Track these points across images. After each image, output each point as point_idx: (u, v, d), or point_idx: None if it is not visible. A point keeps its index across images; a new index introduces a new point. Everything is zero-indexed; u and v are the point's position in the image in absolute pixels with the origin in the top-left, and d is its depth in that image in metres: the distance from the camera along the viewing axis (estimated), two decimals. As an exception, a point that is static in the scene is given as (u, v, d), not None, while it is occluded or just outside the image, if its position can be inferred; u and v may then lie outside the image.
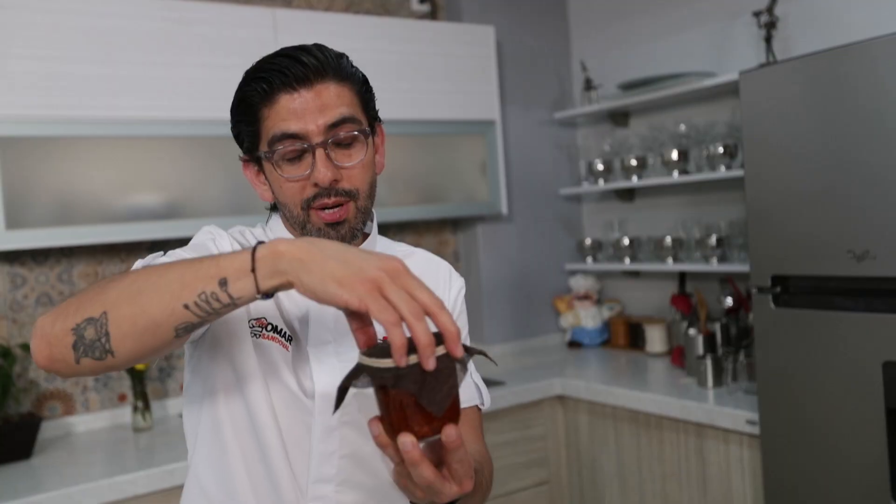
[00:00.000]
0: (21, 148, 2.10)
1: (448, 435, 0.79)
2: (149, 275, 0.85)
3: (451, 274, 1.25)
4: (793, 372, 1.88)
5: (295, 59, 1.03)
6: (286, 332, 1.08)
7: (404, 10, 3.10)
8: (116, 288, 0.85)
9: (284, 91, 1.03)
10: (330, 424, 1.07)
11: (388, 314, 0.75)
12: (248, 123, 1.08)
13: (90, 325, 0.85)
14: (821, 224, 1.81)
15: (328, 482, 1.08)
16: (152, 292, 0.83)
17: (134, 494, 1.92)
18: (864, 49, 1.71)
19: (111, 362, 0.86)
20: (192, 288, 0.82)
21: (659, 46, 3.00)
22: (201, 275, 0.82)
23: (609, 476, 2.53)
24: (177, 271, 0.84)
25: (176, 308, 0.83)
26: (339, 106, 1.04)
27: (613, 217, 3.21)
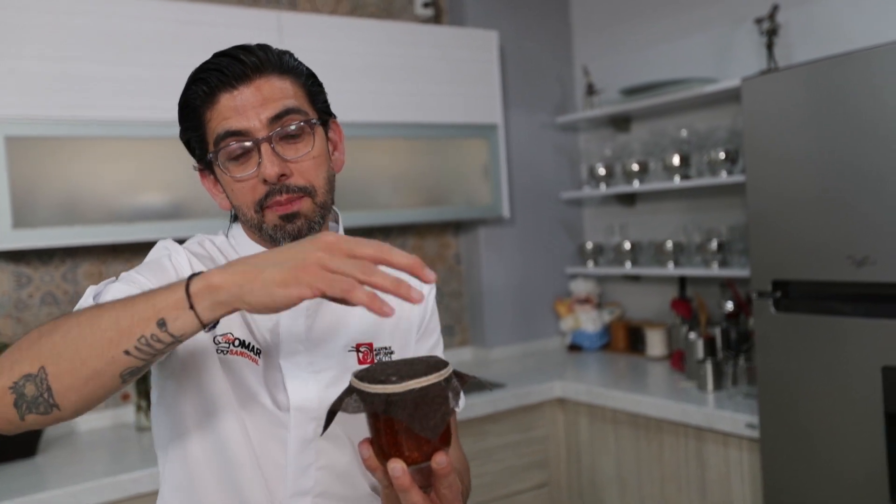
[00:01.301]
0: (28, 148, 2.11)
1: (439, 462, 0.80)
2: (82, 323, 0.81)
3: None
4: (792, 376, 1.90)
5: (233, 57, 1.01)
6: (254, 345, 1.05)
7: (408, 14, 3.12)
8: (50, 340, 0.81)
9: (224, 90, 1.01)
10: (306, 437, 1.05)
11: (339, 284, 0.74)
12: (194, 129, 1.06)
13: (28, 381, 0.80)
14: (821, 229, 1.82)
15: (305, 495, 1.05)
16: (89, 343, 0.79)
17: (137, 493, 1.93)
18: (864, 57, 1.73)
19: (59, 415, 0.83)
20: (129, 333, 0.79)
21: (661, 52, 3.02)
22: (137, 318, 0.79)
23: (609, 479, 2.54)
24: (110, 316, 0.80)
25: (116, 356, 0.79)
26: (281, 98, 1.02)
27: (614, 221, 3.22)
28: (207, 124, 1.03)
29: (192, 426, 1.04)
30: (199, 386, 1.03)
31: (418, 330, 1.20)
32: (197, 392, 1.03)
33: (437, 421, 0.78)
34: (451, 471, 0.81)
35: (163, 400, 1.08)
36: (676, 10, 2.96)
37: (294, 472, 1.05)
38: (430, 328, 1.23)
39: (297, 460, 1.05)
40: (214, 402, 1.03)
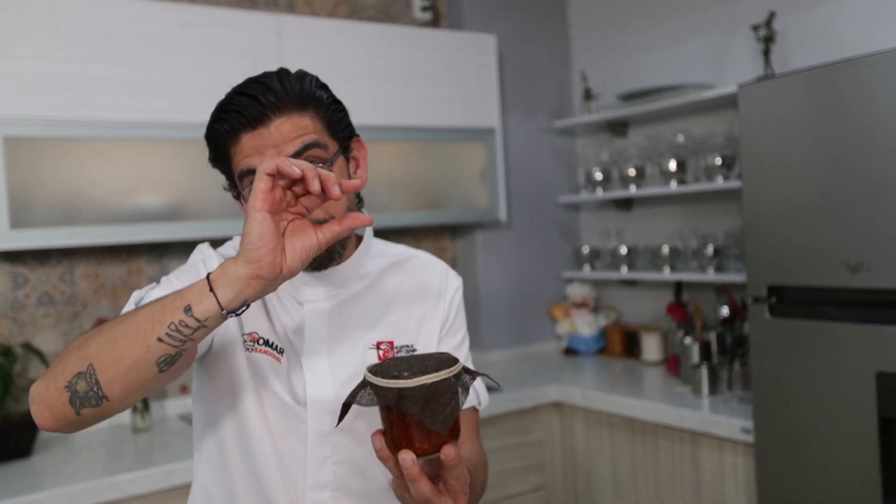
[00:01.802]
0: (26, 148, 2.12)
1: (447, 454, 0.84)
2: (121, 321, 0.91)
3: (448, 275, 1.27)
4: (787, 381, 1.91)
5: (252, 97, 1.04)
6: (277, 345, 1.12)
7: (406, 18, 3.13)
8: (95, 341, 0.90)
9: (244, 131, 1.04)
10: (323, 430, 1.10)
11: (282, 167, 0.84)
12: (221, 160, 1.10)
13: (80, 378, 0.90)
14: (816, 235, 1.83)
15: (324, 488, 1.11)
16: (127, 336, 0.89)
17: (133, 494, 1.93)
18: (860, 65, 1.74)
19: (109, 406, 0.92)
20: (161, 322, 0.88)
21: (658, 58, 3.04)
22: (168, 308, 0.88)
23: (604, 482, 2.55)
24: (145, 311, 0.89)
25: (151, 344, 0.88)
26: (300, 136, 1.04)
27: (611, 226, 3.23)
28: (232, 159, 1.08)
29: (223, 418, 1.12)
30: (228, 381, 1.11)
31: (442, 328, 1.23)
32: (226, 387, 1.11)
33: (447, 415, 0.82)
34: (459, 462, 0.85)
35: (199, 392, 1.17)
36: (674, 16, 2.98)
37: (312, 466, 1.10)
38: (455, 327, 1.25)
39: (314, 453, 1.10)
40: (240, 397, 1.10)
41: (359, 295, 1.18)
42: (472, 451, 1.17)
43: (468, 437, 1.20)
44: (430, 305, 1.22)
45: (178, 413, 2.57)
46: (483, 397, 1.24)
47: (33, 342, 2.36)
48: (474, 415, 1.24)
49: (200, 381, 1.16)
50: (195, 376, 1.18)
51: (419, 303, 1.21)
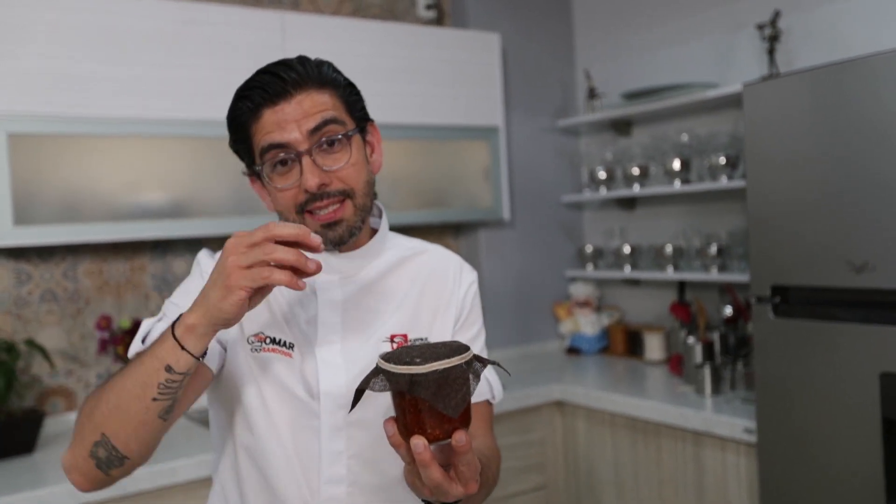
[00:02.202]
0: (30, 145, 2.12)
1: (458, 440, 0.85)
2: (116, 388, 0.98)
3: (462, 269, 1.27)
4: (791, 381, 1.90)
5: (274, 74, 1.08)
6: (286, 341, 1.13)
7: (411, 16, 3.13)
8: (99, 410, 0.98)
9: (267, 106, 1.08)
10: (336, 424, 1.11)
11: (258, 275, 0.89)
12: (242, 141, 1.13)
13: (98, 447, 0.98)
14: (821, 235, 1.83)
15: (339, 483, 1.11)
16: (125, 402, 0.97)
17: (136, 491, 1.93)
18: (865, 64, 1.74)
19: (132, 463, 1.01)
20: (149, 385, 0.95)
21: (663, 57, 3.03)
22: (150, 372, 0.95)
23: (606, 482, 2.55)
24: (132, 377, 0.97)
25: (148, 404, 0.96)
26: (320, 111, 1.08)
27: (614, 225, 3.23)
28: (253, 137, 1.10)
29: (233, 420, 1.15)
30: (234, 383, 1.13)
31: (456, 322, 1.23)
32: (233, 389, 1.13)
33: (458, 400, 0.83)
34: (470, 449, 0.87)
35: (211, 395, 1.20)
36: (678, 15, 2.97)
37: (327, 460, 1.11)
38: (471, 320, 1.25)
39: (329, 447, 1.11)
40: (248, 398, 1.12)
41: (372, 287, 1.18)
42: (484, 443, 1.17)
43: (481, 430, 1.20)
44: (444, 299, 1.22)
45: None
46: (497, 391, 1.24)
47: (36, 339, 2.36)
48: (488, 408, 1.24)
49: (214, 390, 1.18)
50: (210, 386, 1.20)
51: (433, 296, 1.21)
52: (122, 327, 2.37)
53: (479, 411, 1.20)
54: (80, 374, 2.45)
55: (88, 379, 2.46)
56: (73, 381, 2.44)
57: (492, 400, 1.24)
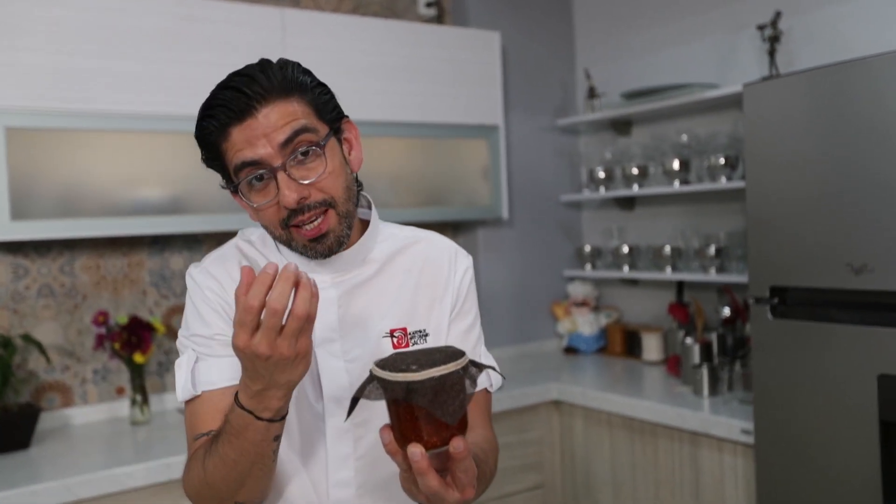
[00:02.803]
0: (28, 139, 2.11)
1: (456, 447, 0.84)
2: (232, 474, 1.00)
3: (457, 255, 1.24)
4: (788, 382, 1.90)
5: (237, 89, 1.03)
6: None
7: (411, 14, 3.12)
8: (226, 482, 1.01)
9: (233, 124, 1.03)
10: (341, 427, 1.10)
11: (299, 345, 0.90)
12: (214, 158, 1.09)
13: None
14: (820, 236, 1.83)
15: (347, 486, 1.11)
16: (252, 473, 1.00)
17: (131, 487, 1.93)
18: (866, 65, 1.73)
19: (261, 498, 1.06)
20: (266, 455, 0.99)
21: (663, 57, 3.03)
22: (262, 449, 0.98)
23: (603, 482, 2.54)
24: (244, 460, 0.98)
25: (270, 464, 1.01)
26: (289, 122, 1.03)
27: (613, 225, 3.23)
28: (224, 155, 1.06)
29: None
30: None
31: (451, 312, 1.21)
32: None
33: (456, 407, 0.83)
34: (468, 455, 0.86)
35: None
36: (679, 15, 2.97)
37: (334, 463, 1.10)
38: (465, 309, 1.22)
39: (335, 450, 1.10)
40: None
41: (368, 282, 1.16)
42: (482, 435, 1.16)
43: (480, 421, 1.19)
44: (440, 287, 1.20)
45: (177, 407, 2.56)
46: (495, 379, 1.22)
47: (33, 334, 2.36)
48: (486, 397, 1.23)
49: None
50: None
51: (429, 286, 1.19)
52: (119, 323, 2.36)
53: (477, 400, 1.19)
54: (76, 370, 2.44)
55: (85, 374, 2.45)
56: (70, 377, 2.43)
57: (490, 388, 1.22)
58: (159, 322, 2.43)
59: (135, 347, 2.33)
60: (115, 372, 2.50)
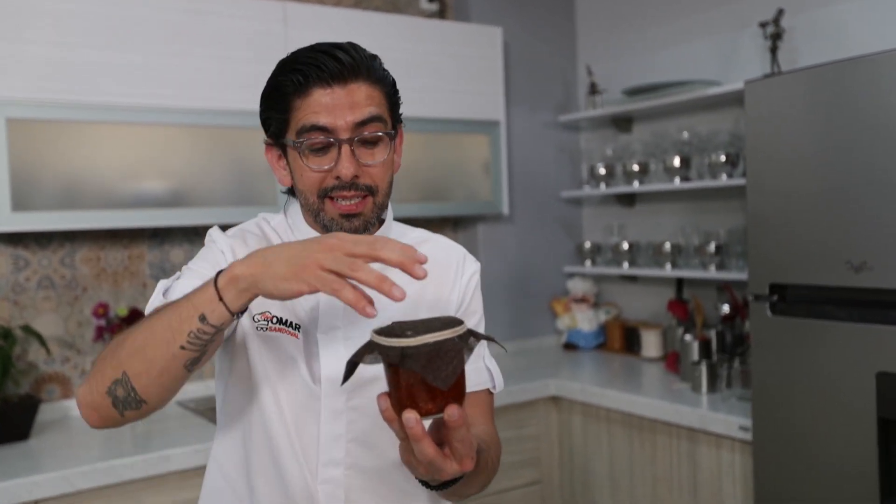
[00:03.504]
0: (29, 131, 2.11)
1: (450, 414, 0.84)
2: (145, 329, 0.96)
3: (465, 259, 1.28)
4: (787, 380, 1.90)
5: (331, 55, 1.06)
6: (293, 322, 1.12)
7: (413, 9, 3.12)
8: (124, 349, 0.97)
9: (318, 85, 1.07)
10: (336, 408, 1.11)
11: (330, 283, 0.84)
12: (279, 111, 1.11)
13: (118, 385, 0.97)
14: (820, 234, 1.83)
15: (337, 465, 1.12)
16: (152, 345, 0.94)
17: (130, 478, 1.93)
18: (868, 63, 1.73)
19: (148, 408, 0.99)
20: (180, 332, 0.93)
21: (665, 54, 3.02)
22: (183, 318, 0.93)
23: (601, 478, 2.55)
24: (165, 321, 0.94)
25: (175, 352, 0.94)
26: (368, 105, 1.08)
27: (613, 221, 3.23)
28: (294, 112, 1.09)
29: (240, 396, 1.15)
30: (243, 361, 1.13)
31: (457, 310, 1.24)
32: (242, 365, 1.13)
33: (449, 373, 0.82)
34: (463, 424, 0.86)
35: (219, 371, 1.20)
36: (681, 13, 2.96)
37: (326, 442, 1.11)
38: (471, 309, 1.27)
39: (328, 430, 1.11)
40: (255, 376, 1.12)
41: None
42: (485, 430, 1.18)
43: (482, 418, 1.20)
44: (446, 287, 1.22)
45: (175, 399, 2.57)
46: (498, 381, 1.24)
47: (33, 325, 2.36)
48: (489, 397, 1.24)
49: (220, 360, 1.19)
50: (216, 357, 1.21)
51: (435, 285, 1.21)
52: (118, 315, 2.37)
53: (479, 400, 1.20)
54: (76, 362, 2.45)
55: (84, 366, 2.46)
56: (69, 368, 2.44)
57: (493, 389, 1.24)
58: (159, 314, 2.43)
59: (134, 340, 2.33)
60: (114, 364, 2.50)
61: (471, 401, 1.17)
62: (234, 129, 2.39)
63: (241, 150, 2.42)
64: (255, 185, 2.44)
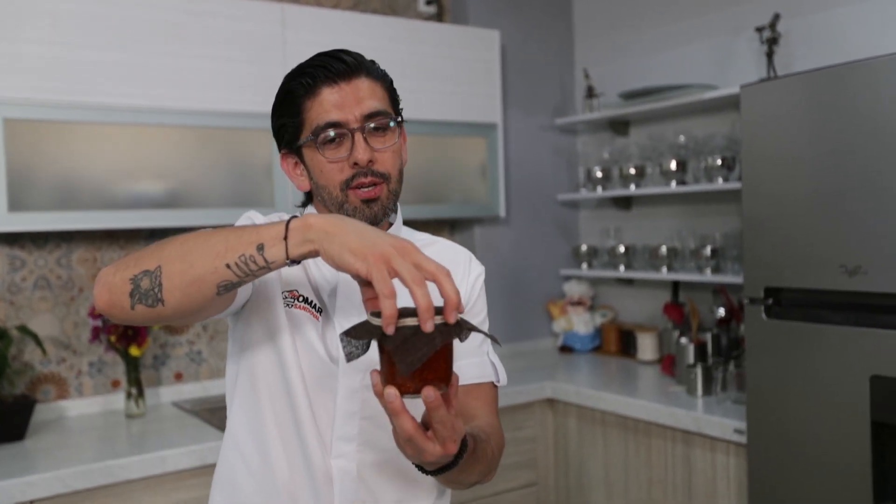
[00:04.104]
0: (26, 131, 2.11)
1: (426, 395, 0.86)
2: (199, 236, 0.98)
3: (471, 261, 1.37)
4: (781, 383, 1.91)
5: (335, 57, 1.16)
6: (316, 303, 1.18)
7: (411, 11, 3.12)
8: (171, 246, 0.98)
9: (326, 84, 1.15)
10: (353, 387, 1.16)
11: (385, 286, 0.85)
12: (292, 115, 1.18)
13: (146, 276, 0.97)
14: (815, 238, 1.84)
15: (350, 441, 1.16)
16: (201, 251, 0.96)
17: (126, 479, 1.93)
18: (863, 68, 1.74)
19: (160, 311, 0.98)
20: (234, 250, 0.94)
21: (662, 58, 3.03)
22: (243, 240, 0.95)
23: (596, 480, 2.55)
24: (223, 235, 0.96)
25: (219, 266, 0.95)
26: (373, 99, 1.17)
27: (610, 224, 3.24)
28: (307, 113, 1.17)
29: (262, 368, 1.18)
30: (268, 332, 1.17)
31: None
32: (266, 338, 1.17)
33: (415, 358, 0.85)
34: (440, 406, 0.88)
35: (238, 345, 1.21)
36: (678, 17, 2.97)
37: (341, 419, 1.16)
38: (475, 310, 1.33)
39: (344, 407, 1.16)
40: (280, 348, 1.16)
41: None
42: (487, 422, 1.20)
43: (485, 411, 1.23)
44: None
45: (171, 400, 2.57)
46: (502, 375, 1.27)
47: (29, 325, 2.36)
48: (493, 390, 1.27)
49: (239, 334, 1.21)
50: (232, 331, 1.23)
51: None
52: (115, 316, 2.36)
53: (483, 392, 1.23)
54: (72, 362, 2.45)
55: (80, 367, 2.45)
56: (65, 369, 2.44)
57: (497, 382, 1.26)
58: (155, 315, 2.44)
59: (131, 340, 2.34)
60: (110, 365, 2.50)
61: (474, 393, 1.21)
62: (231, 130, 2.40)
63: (238, 151, 2.42)
64: (251, 187, 2.44)
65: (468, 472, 1.07)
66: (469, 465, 1.04)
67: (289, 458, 1.15)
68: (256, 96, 2.40)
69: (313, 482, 1.14)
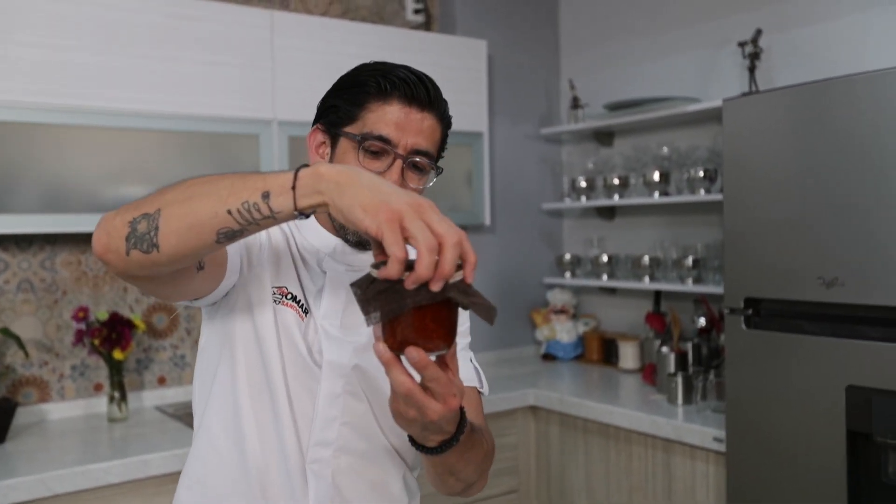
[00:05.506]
0: (12, 133, 2.11)
1: (410, 355, 0.83)
2: (206, 181, 0.92)
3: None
4: (760, 392, 1.94)
5: (421, 80, 1.14)
6: (304, 303, 1.17)
7: (399, 20, 3.14)
8: (176, 189, 0.93)
9: (400, 100, 1.12)
10: (334, 392, 1.15)
11: (397, 249, 0.79)
12: (352, 104, 1.14)
13: (144, 219, 0.92)
14: (794, 250, 1.87)
15: (327, 446, 1.15)
16: (203, 195, 0.91)
17: (107, 483, 1.92)
18: (844, 84, 1.78)
19: (155, 257, 0.93)
20: (238, 195, 0.89)
21: (646, 70, 3.07)
22: (248, 185, 0.89)
23: (577, 487, 2.57)
24: (228, 180, 0.91)
25: (220, 212, 0.89)
26: (429, 139, 1.15)
27: (593, 234, 3.27)
28: (368, 112, 1.13)
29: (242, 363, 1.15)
30: (252, 323, 1.15)
31: None
32: (251, 328, 1.15)
33: (384, 312, 0.83)
34: (428, 365, 0.84)
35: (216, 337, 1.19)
36: (663, 30, 3.02)
37: (320, 424, 1.15)
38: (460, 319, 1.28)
39: (324, 412, 1.15)
40: (265, 344, 1.14)
41: None
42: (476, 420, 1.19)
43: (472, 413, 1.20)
44: None
45: (154, 404, 2.56)
46: (485, 384, 1.27)
47: (11, 328, 2.35)
48: (478, 395, 1.26)
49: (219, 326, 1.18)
50: (208, 323, 1.21)
51: None
52: (98, 319, 2.36)
53: (469, 396, 1.23)
54: (54, 365, 2.43)
55: (63, 370, 2.44)
56: (48, 372, 2.42)
57: (480, 389, 1.26)
58: (139, 319, 2.43)
59: (114, 344, 2.33)
60: (93, 368, 2.49)
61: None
62: (218, 135, 2.40)
63: (225, 156, 2.42)
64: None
65: (467, 460, 1.06)
66: (468, 447, 1.03)
67: (265, 454, 1.14)
68: (244, 101, 2.40)
69: (289, 480, 1.13)
